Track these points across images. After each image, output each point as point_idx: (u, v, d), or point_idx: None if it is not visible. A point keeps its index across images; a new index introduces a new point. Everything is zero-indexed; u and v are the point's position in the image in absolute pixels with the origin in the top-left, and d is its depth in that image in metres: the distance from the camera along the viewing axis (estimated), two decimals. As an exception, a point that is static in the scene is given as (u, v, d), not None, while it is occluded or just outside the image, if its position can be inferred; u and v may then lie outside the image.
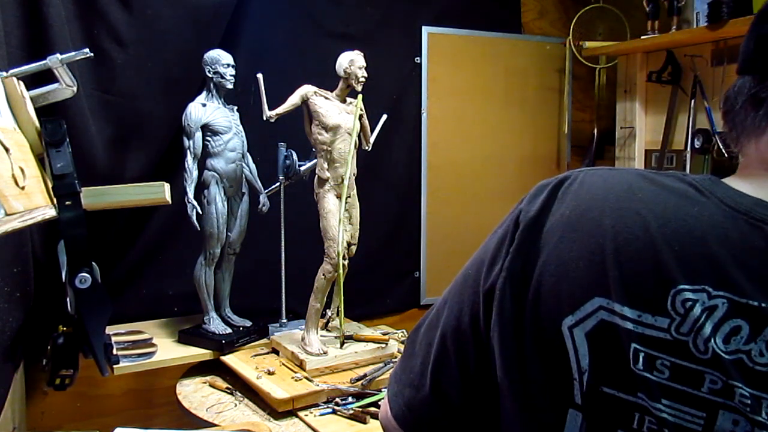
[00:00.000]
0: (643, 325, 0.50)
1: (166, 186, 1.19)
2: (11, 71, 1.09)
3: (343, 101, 1.77)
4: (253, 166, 1.92)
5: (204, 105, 1.77)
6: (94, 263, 1.08)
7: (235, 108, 1.86)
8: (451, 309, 0.64)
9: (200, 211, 1.75)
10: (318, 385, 1.55)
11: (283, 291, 1.96)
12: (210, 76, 1.78)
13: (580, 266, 0.53)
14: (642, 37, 2.25)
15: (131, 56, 1.86)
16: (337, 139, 1.71)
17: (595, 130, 2.69)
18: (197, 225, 1.75)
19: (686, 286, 0.49)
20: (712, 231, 0.50)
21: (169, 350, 1.76)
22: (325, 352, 1.68)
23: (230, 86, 1.80)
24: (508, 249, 0.58)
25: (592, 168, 0.61)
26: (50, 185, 1.07)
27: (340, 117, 1.72)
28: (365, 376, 1.60)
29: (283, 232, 1.94)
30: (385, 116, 1.96)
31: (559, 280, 0.54)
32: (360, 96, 1.75)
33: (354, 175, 1.77)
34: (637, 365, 0.50)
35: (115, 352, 1.15)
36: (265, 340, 1.87)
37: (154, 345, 1.76)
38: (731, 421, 0.47)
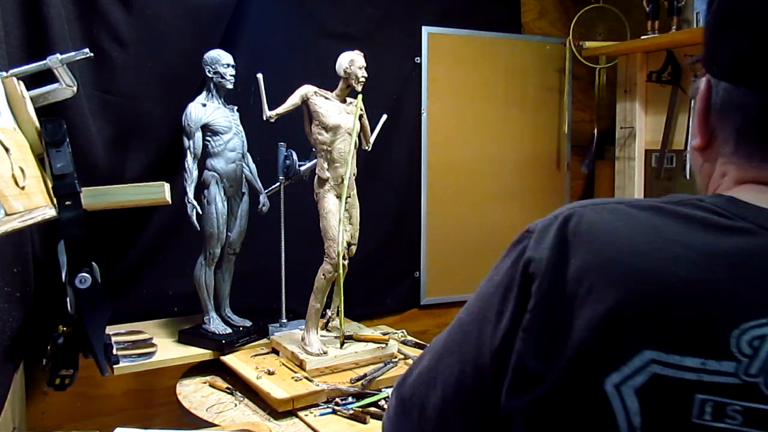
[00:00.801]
0: (706, 373, 0.46)
1: (166, 186, 1.19)
2: (11, 71, 1.09)
3: (343, 101, 1.77)
4: (253, 166, 1.92)
5: (204, 105, 1.77)
6: (94, 263, 1.08)
7: (235, 108, 1.86)
8: (450, 368, 0.58)
9: (200, 211, 1.75)
10: (318, 385, 1.55)
11: (283, 291, 1.96)
12: (210, 76, 1.78)
13: (622, 318, 0.48)
14: (642, 37, 2.25)
15: (131, 56, 1.86)
16: (337, 139, 1.71)
17: (595, 130, 2.69)
18: (197, 225, 1.75)
19: (752, 323, 0.45)
20: (762, 257, 0.47)
21: (169, 350, 1.76)
22: (325, 352, 1.68)
23: (230, 86, 1.80)
24: (521, 305, 0.53)
25: (587, 205, 0.55)
26: (50, 185, 1.07)
27: (340, 117, 1.72)
28: (365, 376, 1.60)
29: (283, 232, 1.94)
30: (385, 116, 1.96)
31: (597, 335, 0.49)
32: (360, 96, 1.75)
33: (354, 175, 1.77)
34: (703, 416, 0.46)
35: (115, 352, 1.15)
36: (265, 340, 1.87)
37: (154, 345, 1.76)
38: None
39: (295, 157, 1.89)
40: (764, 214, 0.50)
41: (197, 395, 1.62)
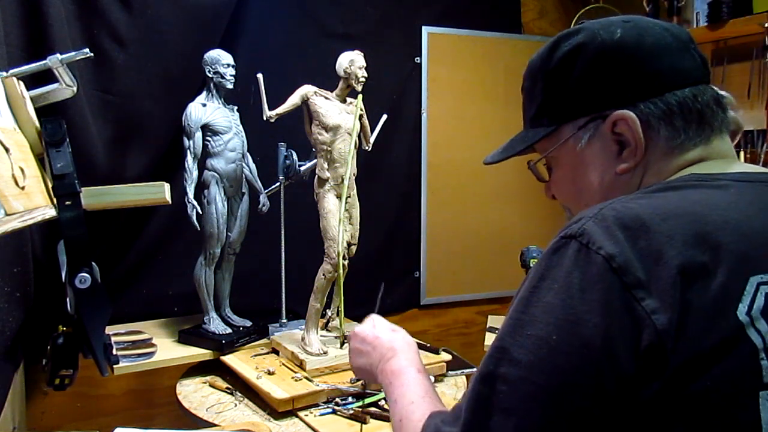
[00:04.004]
0: None
1: (166, 186, 1.19)
2: (11, 71, 1.09)
3: (343, 101, 1.77)
4: (253, 166, 1.92)
5: (204, 105, 1.77)
6: (94, 263, 1.07)
7: (235, 108, 1.86)
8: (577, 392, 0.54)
9: (200, 211, 1.75)
10: (318, 385, 1.55)
11: (283, 291, 1.96)
12: (210, 76, 1.78)
13: (722, 266, 0.54)
14: (642, 37, 2.25)
15: (131, 56, 1.87)
16: (337, 139, 1.71)
17: (595, 130, 2.69)
18: (197, 225, 1.75)
19: None
20: (761, 197, 0.61)
21: (169, 350, 1.76)
22: (325, 352, 1.68)
23: (230, 86, 1.80)
24: (639, 310, 0.53)
25: (605, 206, 0.59)
26: (50, 185, 1.07)
27: (340, 117, 1.72)
28: (365, 376, 1.60)
29: (283, 232, 1.94)
30: (385, 116, 1.96)
31: (710, 286, 0.54)
32: (360, 96, 1.75)
33: (354, 175, 1.77)
34: None
35: (115, 352, 1.15)
36: (265, 340, 1.87)
37: (154, 345, 1.76)
38: None
39: (295, 157, 1.89)
40: (729, 175, 0.64)
41: (197, 395, 1.62)
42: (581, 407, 0.53)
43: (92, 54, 1.19)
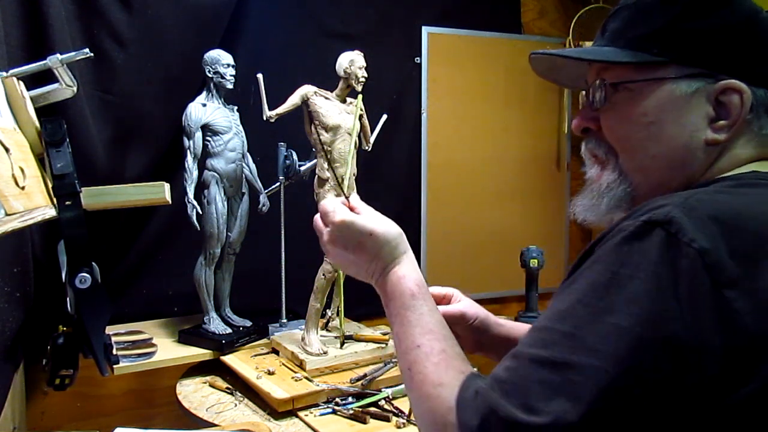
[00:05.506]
0: None
1: (166, 186, 1.19)
2: (11, 71, 1.09)
3: (343, 101, 1.77)
4: (253, 166, 1.92)
5: (204, 105, 1.77)
6: (94, 263, 1.07)
7: (235, 108, 1.86)
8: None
9: (200, 211, 1.75)
10: (318, 385, 1.55)
11: (283, 291, 1.96)
12: (210, 76, 1.78)
13: None
14: (642, 37, 2.25)
15: (131, 56, 1.87)
16: (337, 139, 1.71)
17: (595, 130, 2.69)
18: (197, 225, 1.75)
19: None
20: None
21: (169, 350, 1.76)
22: (325, 352, 1.68)
23: (230, 86, 1.80)
24: (729, 311, 0.51)
25: (691, 196, 0.58)
26: (50, 185, 1.07)
27: (340, 117, 1.72)
28: (365, 376, 1.60)
29: (283, 232, 1.94)
30: (385, 116, 1.96)
31: None
32: (360, 96, 1.75)
33: (354, 175, 1.78)
34: None
35: (115, 352, 1.15)
36: (265, 340, 1.87)
37: (154, 345, 1.76)
38: None
39: (295, 157, 1.89)
40: None
41: (197, 395, 1.62)
42: (654, 404, 0.51)
43: (92, 54, 1.19)
